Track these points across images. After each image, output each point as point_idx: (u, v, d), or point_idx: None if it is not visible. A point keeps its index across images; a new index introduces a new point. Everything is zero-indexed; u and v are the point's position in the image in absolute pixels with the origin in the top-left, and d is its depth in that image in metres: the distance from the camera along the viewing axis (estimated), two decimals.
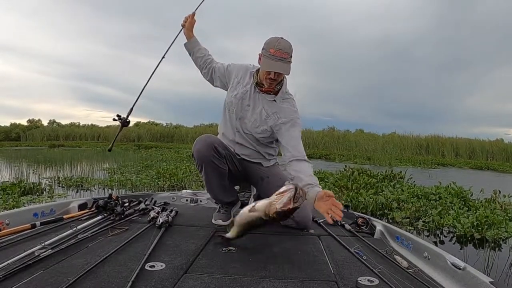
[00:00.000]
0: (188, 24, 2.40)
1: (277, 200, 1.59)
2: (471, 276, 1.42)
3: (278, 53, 1.94)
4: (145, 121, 34.32)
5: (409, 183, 6.19)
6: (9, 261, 1.36)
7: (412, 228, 3.71)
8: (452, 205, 4.36)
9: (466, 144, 18.66)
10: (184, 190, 3.06)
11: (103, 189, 5.89)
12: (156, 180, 6.23)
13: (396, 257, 1.70)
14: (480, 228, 3.42)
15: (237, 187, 2.54)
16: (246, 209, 1.72)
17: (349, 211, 2.58)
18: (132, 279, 1.29)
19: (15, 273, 1.31)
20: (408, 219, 3.94)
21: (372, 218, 2.33)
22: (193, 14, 2.42)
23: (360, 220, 2.26)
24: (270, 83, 2.06)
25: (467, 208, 4.25)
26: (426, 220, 3.82)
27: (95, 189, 5.87)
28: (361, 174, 6.32)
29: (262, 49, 2.03)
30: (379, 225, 2.22)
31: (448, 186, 5.23)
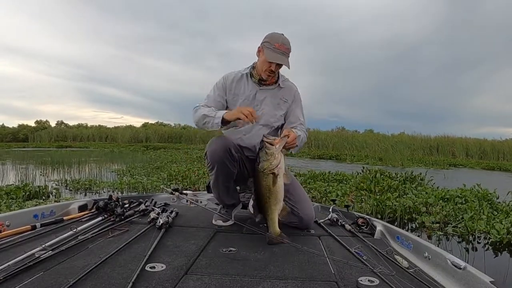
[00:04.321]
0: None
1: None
2: (472, 276, 1.40)
3: (282, 47, 2.07)
4: (153, 122, 34.70)
5: (429, 185, 5.97)
6: (9, 263, 1.38)
7: (442, 233, 3.50)
8: (481, 209, 4.12)
9: (477, 144, 18.40)
10: (184, 191, 3.06)
11: (113, 192, 5.58)
12: (168, 183, 6.01)
13: (397, 257, 1.68)
14: None
15: (237, 188, 2.53)
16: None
17: (350, 211, 2.56)
18: (133, 280, 1.30)
19: (15, 274, 1.32)
20: (438, 224, 3.72)
21: (372, 218, 2.32)
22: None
23: (360, 220, 2.24)
24: (268, 75, 2.16)
25: (496, 213, 4.03)
26: (458, 225, 3.61)
27: (104, 192, 5.64)
28: (382, 176, 6.12)
29: (265, 42, 2.11)
30: (379, 225, 2.21)
31: (473, 189, 5.00)
